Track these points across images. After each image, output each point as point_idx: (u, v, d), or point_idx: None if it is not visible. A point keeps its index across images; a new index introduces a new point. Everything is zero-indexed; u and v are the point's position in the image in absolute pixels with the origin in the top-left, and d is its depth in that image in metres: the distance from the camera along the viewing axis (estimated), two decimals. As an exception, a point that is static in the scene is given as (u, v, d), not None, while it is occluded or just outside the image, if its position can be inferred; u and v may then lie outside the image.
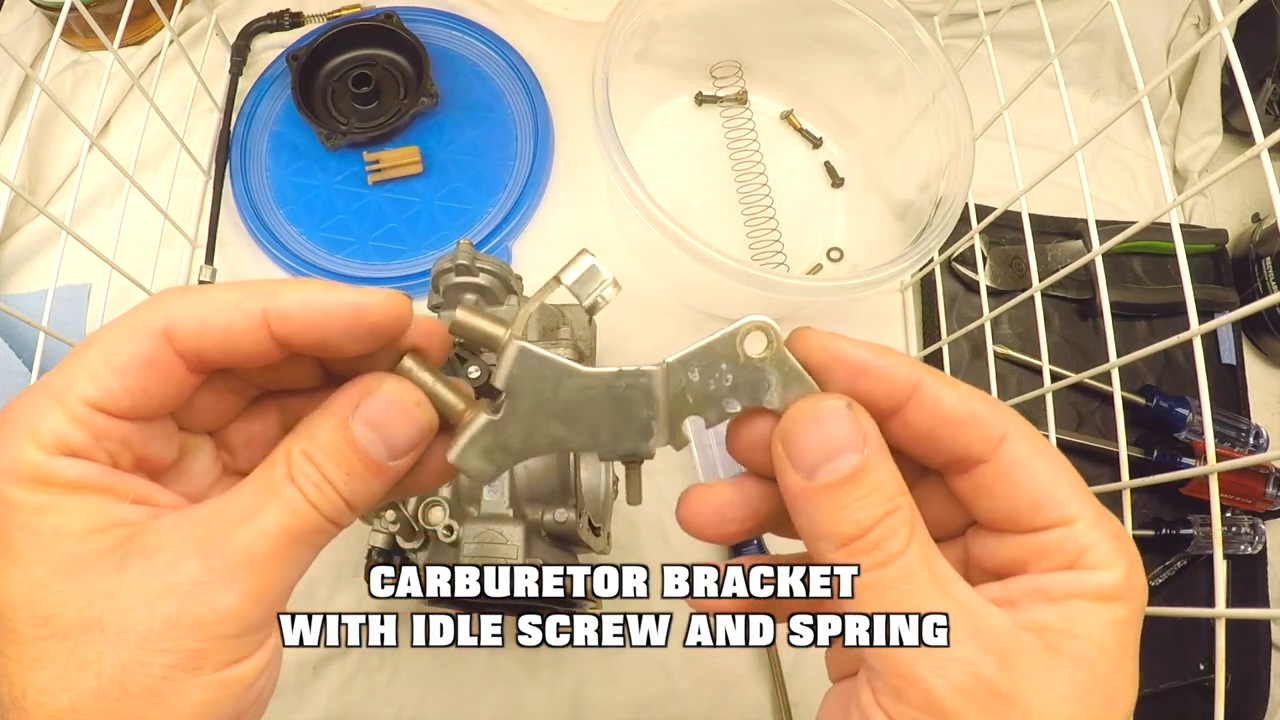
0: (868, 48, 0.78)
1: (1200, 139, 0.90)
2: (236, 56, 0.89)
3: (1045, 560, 0.30)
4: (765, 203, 0.85)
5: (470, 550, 0.58)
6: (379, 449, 0.30)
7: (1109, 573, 0.29)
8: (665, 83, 0.88)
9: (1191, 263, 0.54)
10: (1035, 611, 0.29)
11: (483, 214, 0.82)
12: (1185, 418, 0.77)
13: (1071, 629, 0.29)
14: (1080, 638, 0.29)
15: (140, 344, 0.28)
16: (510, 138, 0.86)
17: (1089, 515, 0.30)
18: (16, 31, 0.90)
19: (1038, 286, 0.64)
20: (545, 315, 0.67)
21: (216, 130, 0.87)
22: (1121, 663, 0.29)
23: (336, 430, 0.30)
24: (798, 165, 0.89)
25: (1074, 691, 0.28)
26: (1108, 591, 0.29)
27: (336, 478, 0.30)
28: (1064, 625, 0.29)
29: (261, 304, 0.29)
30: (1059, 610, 0.29)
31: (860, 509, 0.28)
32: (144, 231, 0.77)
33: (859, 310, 0.84)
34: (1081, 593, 0.29)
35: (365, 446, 0.30)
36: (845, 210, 0.87)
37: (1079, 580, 0.29)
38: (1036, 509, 0.30)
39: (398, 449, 0.31)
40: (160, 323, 0.28)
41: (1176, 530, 0.75)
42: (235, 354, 0.29)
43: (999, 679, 0.27)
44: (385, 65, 0.87)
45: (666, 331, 0.81)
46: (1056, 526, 0.30)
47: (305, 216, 0.83)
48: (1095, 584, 0.29)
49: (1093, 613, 0.29)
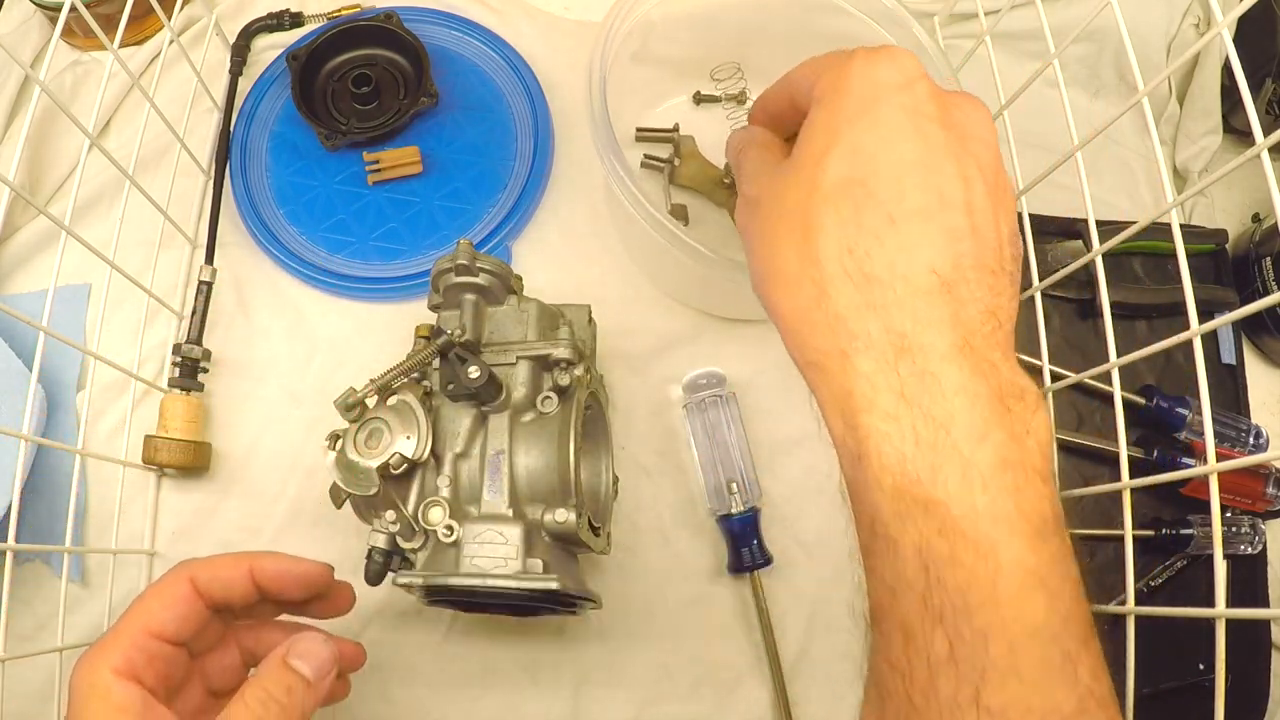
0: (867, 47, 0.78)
1: (1200, 139, 0.90)
2: (236, 56, 0.89)
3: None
4: None
5: (470, 550, 0.58)
6: (307, 670, 0.47)
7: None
8: (663, 82, 0.88)
9: (1191, 263, 0.54)
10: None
11: (483, 214, 0.82)
12: (1185, 418, 0.77)
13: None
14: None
15: (179, 587, 0.48)
16: (510, 137, 0.86)
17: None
18: (16, 32, 0.90)
19: (1038, 286, 0.64)
20: (545, 315, 0.67)
21: (216, 130, 0.87)
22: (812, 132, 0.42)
23: (279, 666, 0.47)
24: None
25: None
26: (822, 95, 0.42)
27: (278, 694, 0.46)
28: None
29: (249, 564, 0.51)
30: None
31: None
32: (144, 231, 0.77)
33: None
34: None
35: (298, 668, 0.47)
36: None
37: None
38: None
39: (321, 669, 0.48)
40: (188, 575, 0.49)
41: (1176, 530, 0.75)
42: (231, 592, 0.50)
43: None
44: (385, 65, 0.88)
45: (665, 331, 0.81)
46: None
47: (305, 216, 0.83)
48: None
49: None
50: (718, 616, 0.74)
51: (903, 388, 0.37)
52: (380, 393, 0.61)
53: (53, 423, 0.76)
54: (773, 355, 0.80)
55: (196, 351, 0.76)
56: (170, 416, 0.73)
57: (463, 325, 0.65)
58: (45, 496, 0.73)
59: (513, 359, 0.64)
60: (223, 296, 0.81)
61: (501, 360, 0.64)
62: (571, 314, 0.70)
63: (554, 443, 0.61)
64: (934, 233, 0.38)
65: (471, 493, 0.61)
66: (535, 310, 0.66)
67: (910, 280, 0.38)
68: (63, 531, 0.67)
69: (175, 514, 0.76)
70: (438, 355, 0.61)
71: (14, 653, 0.56)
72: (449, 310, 0.67)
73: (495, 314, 0.67)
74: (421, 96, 0.83)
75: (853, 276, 0.38)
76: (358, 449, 0.59)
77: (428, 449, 0.60)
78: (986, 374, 0.37)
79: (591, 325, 0.72)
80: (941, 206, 0.39)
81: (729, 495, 0.73)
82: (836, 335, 0.38)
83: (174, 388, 0.75)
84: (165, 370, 0.77)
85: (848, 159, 0.39)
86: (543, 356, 0.63)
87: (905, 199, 0.38)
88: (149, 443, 0.73)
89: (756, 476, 0.75)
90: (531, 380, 0.63)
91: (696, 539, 0.75)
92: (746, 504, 0.73)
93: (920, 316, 0.37)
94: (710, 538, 0.75)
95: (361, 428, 0.59)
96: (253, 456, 0.77)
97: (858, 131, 0.39)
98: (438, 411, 0.62)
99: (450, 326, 0.65)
